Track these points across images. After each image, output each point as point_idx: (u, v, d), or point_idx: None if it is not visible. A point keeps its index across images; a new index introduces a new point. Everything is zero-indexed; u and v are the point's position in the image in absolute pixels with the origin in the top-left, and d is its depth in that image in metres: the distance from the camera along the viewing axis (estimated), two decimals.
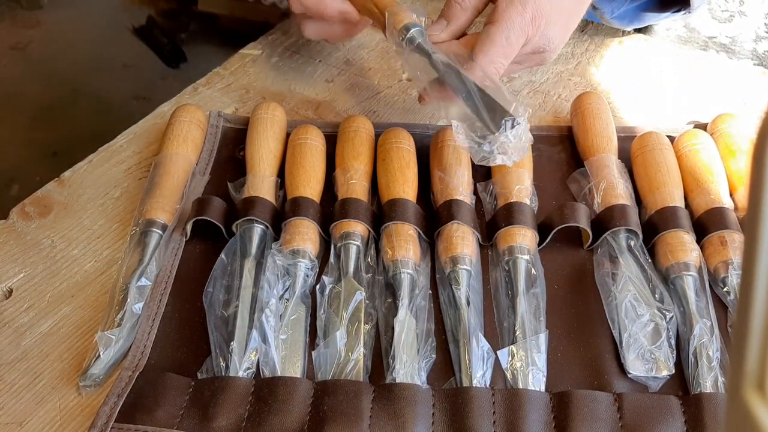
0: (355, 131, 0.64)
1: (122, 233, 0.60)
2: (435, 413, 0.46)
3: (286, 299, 0.53)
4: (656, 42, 0.81)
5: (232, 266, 0.55)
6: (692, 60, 0.78)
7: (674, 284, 0.53)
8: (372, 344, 0.51)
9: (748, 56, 0.78)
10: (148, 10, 2.41)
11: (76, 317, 0.54)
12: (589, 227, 0.56)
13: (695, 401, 0.46)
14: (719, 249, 0.54)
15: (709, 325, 0.50)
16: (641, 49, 0.80)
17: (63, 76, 2.14)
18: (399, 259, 0.54)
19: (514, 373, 0.48)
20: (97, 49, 2.27)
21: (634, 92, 0.74)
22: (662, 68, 0.77)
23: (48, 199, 0.63)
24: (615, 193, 0.58)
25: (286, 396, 0.47)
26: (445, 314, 0.52)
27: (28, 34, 2.38)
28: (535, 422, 0.46)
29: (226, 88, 0.76)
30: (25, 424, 0.48)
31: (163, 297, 0.54)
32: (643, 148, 0.62)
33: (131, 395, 0.47)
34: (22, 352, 0.52)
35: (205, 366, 0.50)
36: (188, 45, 2.29)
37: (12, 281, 0.57)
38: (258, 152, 0.63)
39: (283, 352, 0.50)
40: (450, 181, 0.59)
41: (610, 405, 0.47)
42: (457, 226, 0.55)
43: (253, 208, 0.57)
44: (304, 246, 0.55)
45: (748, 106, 0.71)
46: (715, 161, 0.60)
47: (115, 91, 2.10)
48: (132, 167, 0.66)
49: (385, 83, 0.76)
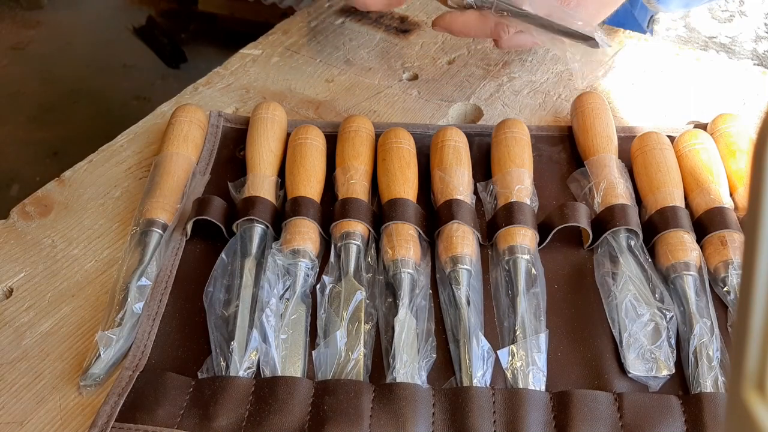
0: (355, 131, 0.64)
1: (122, 233, 0.60)
2: (435, 413, 0.47)
3: (287, 299, 0.53)
4: (656, 42, 0.81)
5: (232, 266, 0.55)
6: (692, 60, 0.78)
7: (674, 284, 0.53)
8: (372, 344, 0.51)
9: (748, 56, 0.78)
10: (148, 10, 2.42)
11: (76, 317, 0.54)
12: (590, 227, 0.56)
13: (695, 401, 0.46)
14: (719, 249, 0.54)
15: (709, 325, 0.50)
16: (641, 49, 0.80)
17: (63, 76, 2.15)
18: (399, 259, 0.54)
19: (514, 372, 0.49)
20: (97, 49, 2.27)
21: (634, 92, 0.74)
22: (662, 68, 0.77)
23: (48, 198, 0.63)
24: (615, 192, 0.58)
25: (286, 396, 0.47)
26: (445, 314, 0.52)
27: (28, 34, 2.38)
28: (535, 422, 0.46)
29: (226, 88, 0.76)
30: (25, 424, 0.48)
31: (163, 297, 0.54)
32: (643, 148, 0.62)
33: (132, 395, 0.47)
34: (23, 351, 0.52)
35: (205, 366, 0.50)
36: (188, 45, 2.29)
37: (12, 281, 0.57)
38: (258, 152, 0.63)
39: (284, 351, 0.50)
40: (450, 181, 0.59)
41: (610, 405, 0.47)
42: (458, 226, 0.55)
43: (253, 207, 0.57)
44: (304, 246, 0.55)
45: (748, 106, 0.71)
46: (715, 161, 0.60)
47: (115, 91, 2.10)
48: (132, 167, 0.67)
49: (385, 83, 0.76)
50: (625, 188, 0.59)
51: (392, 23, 0.85)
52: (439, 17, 0.65)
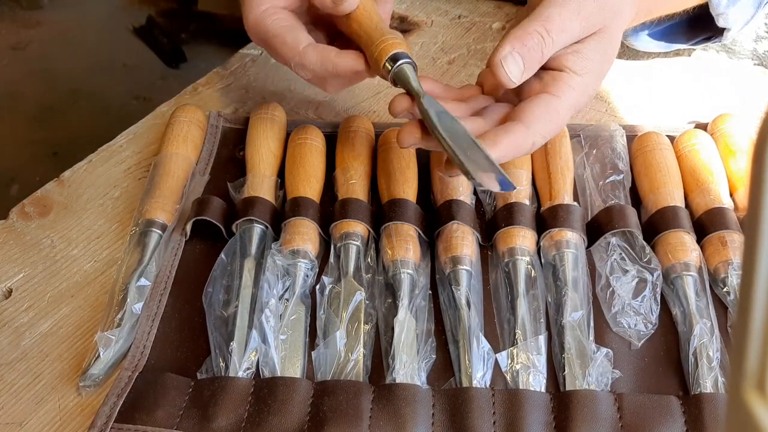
0: (355, 131, 0.64)
1: (122, 233, 0.60)
2: (435, 413, 0.46)
3: (286, 299, 0.53)
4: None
5: (231, 266, 0.55)
6: (692, 60, 0.78)
7: (674, 284, 0.53)
8: (372, 344, 0.51)
9: (748, 56, 0.78)
10: (148, 10, 2.42)
11: (75, 317, 0.54)
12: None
13: (695, 401, 0.46)
14: (719, 249, 0.54)
15: (709, 325, 0.50)
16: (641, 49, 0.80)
17: (63, 76, 2.15)
18: (399, 259, 0.54)
19: (514, 375, 0.48)
20: (97, 49, 2.27)
21: (634, 92, 0.74)
22: (662, 68, 0.77)
23: (48, 199, 0.63)
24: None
25: (285, 396, 0.47)
26: (444, 314, 0.52)
27: (28, 34, 2.38)
28: (535, 422, 0.46)
29: (226, 88, 0.76)
30: (24, 424, 0.48)
31: (162, 297, 0.54)
32: (643, 148, 0.62)
33: (131, 395, 0.47)
34: (22, 352, 0.52)
35: (204, 366, 0.50)
36: (188, 45, 2.29)
37: (12, 281, 0.57)
38: (258, 152, 0.63)
39: (283, 352, 0.50)
40: (450, 181, 0.59)
41: (610, 405, 0.47)
42: (457, 226, 0.55)
43: (252, 208, 0.57)
44: (304, 246, 0.55)
45: (748, 106, 0.71)
46: (715, 161, 0.60)
47: (115, 91, 2.10)
48: (132, 167, 0.66)
49: (385, 83, 0.75)
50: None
51: (392, 23, 0.85)
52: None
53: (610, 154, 0.62)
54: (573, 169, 0.60)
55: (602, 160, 0.62)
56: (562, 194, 0.58)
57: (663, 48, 0.74)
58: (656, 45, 0.73)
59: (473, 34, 0.83)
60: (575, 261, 0.54)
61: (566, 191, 0.58)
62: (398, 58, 0.51)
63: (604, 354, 0.49)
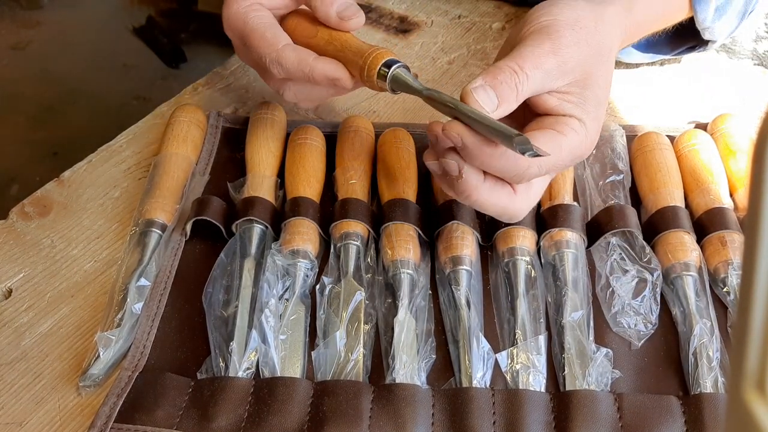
0: (355, 131, 0.64)
1: (122, 233, 0.60)
2: (435, 413, 0.46)
3: (286, 299, 0.53)
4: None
5: (231, 266, 0.55)
6: (692, 60, 0.78)
7: (674, 284, 0.53)
8: (372, 344, 0.51)
9: (748, 56, 0.78)
10: (148, 10, 2.42)
11: (75, 317, 0.54)
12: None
13: (695, 401, 0.46)
14: (719, 249, 0.54)
15: (709, 325, 0.50)
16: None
17: (63, 76, 2.15)
18: (399, 259, 0.54)
19: (514, 375, 0.48)
20: (97, 49, 2.27)
21: (634, 92, 0.74)
22: (662, 68, 0.77)
23: (48, 199, 0.63)
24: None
25: (285, 396, 0.47)
26: (444, 314, 0.52)
27: (28, 34, 2.38)
28: (535, 422, 0.46)
29: (226, 88, 0.76)
30: (24, 424, 0.48)
31: (162, 297, 0.54)
32: (643, 148, 0.62)
33: (131, 395, 0.47)
34: (22, 352, 0.52)
35: (204, 366, 0.50)
36: (188, 45, 2.29)
37: (12, 281, 0.57)
38: (258, 152, 0.63)
39: (283, 352, 0.50)
40: None
41: (610, 405, 0.47)
42: (457, 226, 0.55)
43: (252, 208, 0.57)
44: (303, 246, 0.55)
45: (748, 106, 0.71)
46: (715, 161, 0.60)
47: (115, 91, 2.10)
48: (132, 167, 0.66)
49: None
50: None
51: (392, 23, 0.85)
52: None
53: (610, 154, 0.62)
54: (573, 169, 0.60)
55: (602, 160, 0.62)
56: (562, 194, 0.58)
57: (647, 59, 0.74)
58: (641, 56, 0.73)
59: (473, 34, 0.83)
60: (575, 261, 0.54)
61: (566, 191, 0.58)
62: (392, 64, 0.51)
63: (604, 354, 0.49)
